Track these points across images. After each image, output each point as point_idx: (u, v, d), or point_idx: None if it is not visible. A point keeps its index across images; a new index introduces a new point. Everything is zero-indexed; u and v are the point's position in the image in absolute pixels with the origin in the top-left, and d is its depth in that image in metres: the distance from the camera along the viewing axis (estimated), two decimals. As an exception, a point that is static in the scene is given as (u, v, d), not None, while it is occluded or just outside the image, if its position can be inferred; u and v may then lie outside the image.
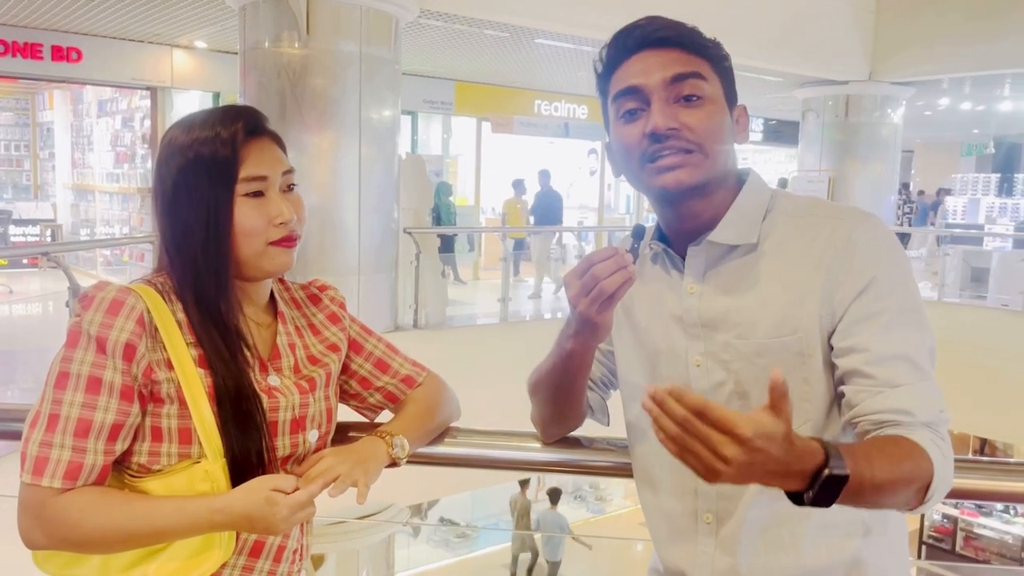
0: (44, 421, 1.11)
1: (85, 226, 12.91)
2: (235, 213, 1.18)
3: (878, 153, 11.46)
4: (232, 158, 1.17)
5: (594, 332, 1.17)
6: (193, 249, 1.18)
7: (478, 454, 1.43)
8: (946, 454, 1.04)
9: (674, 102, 1.14)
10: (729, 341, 1.16)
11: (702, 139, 1.14)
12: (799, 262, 1.14)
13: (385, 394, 1.40)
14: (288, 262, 1.23)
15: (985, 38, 9.49)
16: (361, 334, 1.41)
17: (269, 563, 1.24)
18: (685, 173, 1.14)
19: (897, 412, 1.05)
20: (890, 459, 1.00)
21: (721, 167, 1.17)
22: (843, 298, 1.10)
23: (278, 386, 1.23)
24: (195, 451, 1.16)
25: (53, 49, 9.34)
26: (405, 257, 7.34)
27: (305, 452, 1.26)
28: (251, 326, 1.25)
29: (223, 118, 1.20)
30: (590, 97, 14.15)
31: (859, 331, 1.09)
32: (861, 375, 1.08)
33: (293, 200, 1.23)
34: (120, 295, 1.14)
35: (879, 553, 1.18)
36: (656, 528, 1.29)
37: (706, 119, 1.14)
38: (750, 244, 1.18)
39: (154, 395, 1.15)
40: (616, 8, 7.61)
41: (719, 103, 1.17)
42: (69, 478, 1.10)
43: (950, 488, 1.05)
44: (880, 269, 1.11)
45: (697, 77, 1.15)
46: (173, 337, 1.16)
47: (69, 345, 1.13)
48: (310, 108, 6.39)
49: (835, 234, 1.13)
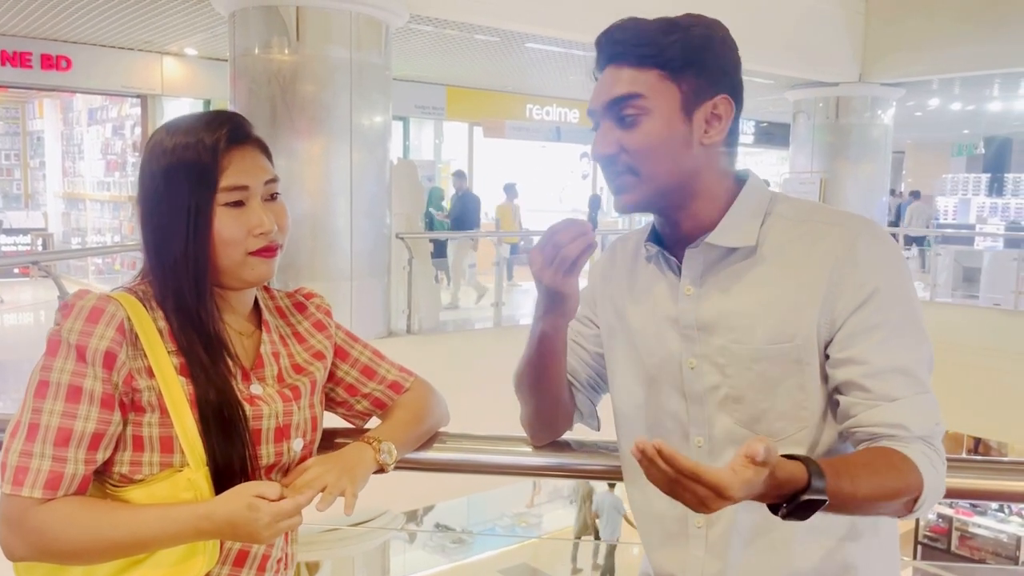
0: (24, 430, 1.09)
1: (76, 235, 12.88)
2: (214, 222, 1.16)
3: (869, 154, 11.49)
4: (212, 166, 1.16)
5: (562, 307, 1.17)
6: (172, 256, 1.17)
7: (467, 459, 1.41)
8: (937, 466, 1.06)
9: (617, 124, 1.15)
10: (725, 345, 1.15)
11: (636, 161, 1.14)
12: (799, 268, 1.13)
13: (372, 400, 1.39)
14: (267, 273, 1.22)
15: (974, 39, 9.54)
16: (347, 341, 1.39)
17: (253, 572, 1.22)
18: (627, 196, 1.17)
19: (892, 427, 1.06)
20: (877, 475, 1.01)
21: (672, 180, 1.15)
22: (843, 309, 1.10)
23: (261, 395, 1.21)
24: (177, 460, 1.14)
25: (43, 58, 9.32)
26: (398, 263, 7.34)
27: (290, 461, 1.24)
28: (233, 335, 1.24)
29: (207, 124, 1.18)
30: (581, 101, 14.17)
31: (857, 343, 1.09)
32: (858, 387, 1.08)
33: (275, 209, 1.22)
34: (100, 303, 1.13)
35: (870, 556, 1.18)
36: (647, 531, 1.29)
37: (641, 140, 1.13)
38: (749, 247, 1.16)
39: (135, 403, 1.13)
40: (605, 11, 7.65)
41: (665, 116, 1.13)
42: (50, 488, 1.08)
43: (941, 496, 1.07)
44: (882, 281, 1.10)
45: (634, 97, 1.13)
46: (154, 345, 1.15)
47: (49, 354, 1.12)
48: (301, 114, 6.38)
49: (838, 243, 1.12)
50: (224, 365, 1.19)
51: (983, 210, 14.37)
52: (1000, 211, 14.29)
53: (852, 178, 11.35)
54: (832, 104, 11.26)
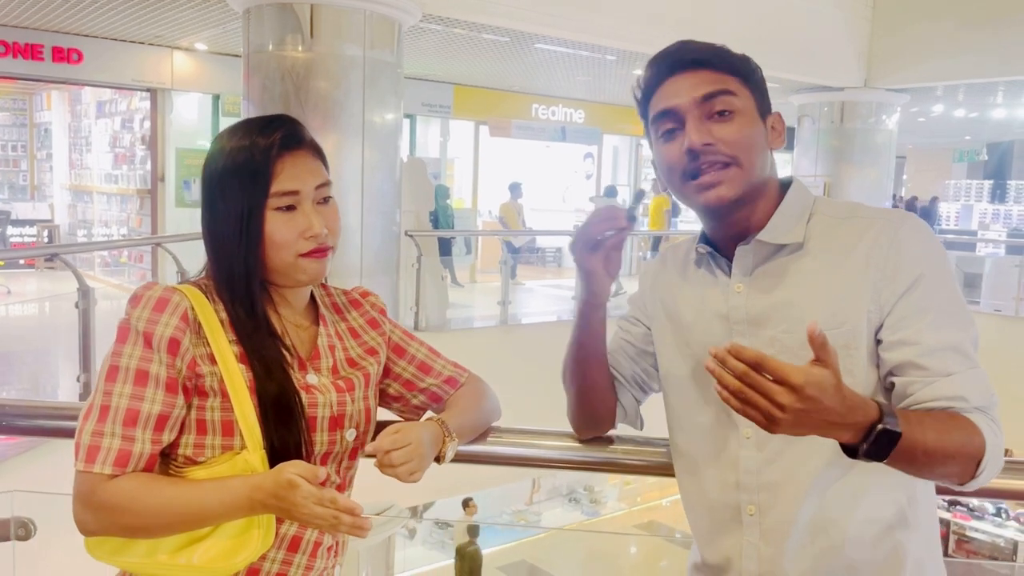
0: (96, 412, 1.16)
1: (83, 227, 12.88)
2: (266, 224, 1.21)
3: (872, 159, 11.52)
4: (265, 170, 1.21)
5: (591, 284, 1.27)
6: (228, 255, 1.23)
7: (518, 452, 1.47)
8: (997, 434, 1.10)
9: (707, 119, 1.21)
10: (776, 336, 1.21)
11: (736, 151, 1.20)
12: (846, 259, 1.19)
13: (429, 395, 1.44)
14: (319, 272, 1.27)
15: (979, 46, 9.57)
16: (404, 339, 1.44)
17: (306, 558, 1.28)
18: (725, 188, 1.21)
19: (952, 399, 1.10)
20: (943, 429, 1.06)
21: (759, 175, 1.23)
22: (891, 294, 1.16)
23: (316, 384, 1.26)
24: (237, 443, 1.20)
25: (54, 50, 9.31)
26: (406, 260, 7.38)
27: (343, 450, 1.30)
28: (290, 327, 1.29)
29: (262, 128, 1.23)
30: (587, 101, 14.18)
31: (909, 325, 1.14)
32: (914, 366, 1.13)
33: (327, 213, 1.26)
34: (166, 294, 1.19)
35: (917, 546, 1.23)
36: (699, 522, 1.33)
37: (738, 131, 1.20)
38: (797, 243, 1.23)
39: (198, 388, 1.20)
40: (616, 13, 7.65)
41: (751, 115, 1.22)
42: (119, 465, 1.14)
43: (1000, 468, 1.10)
44: (927, 267, 1.16)
45: (726, 93, 1.21)
46: (216, 334, 1.21)
47: (119, 341, 1.18)
48: (314, 111, 6.40)
49: (882, 233, 1.18)
50: (280, 355, 1.24)
51: (985, 216, 14.41)
52: (1002, 217, 14.32)
53: (856, 182, 11.37)
54: (837, 109, 11.29)
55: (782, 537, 1.23)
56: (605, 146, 15.58)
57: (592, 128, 14.63)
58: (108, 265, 11.73)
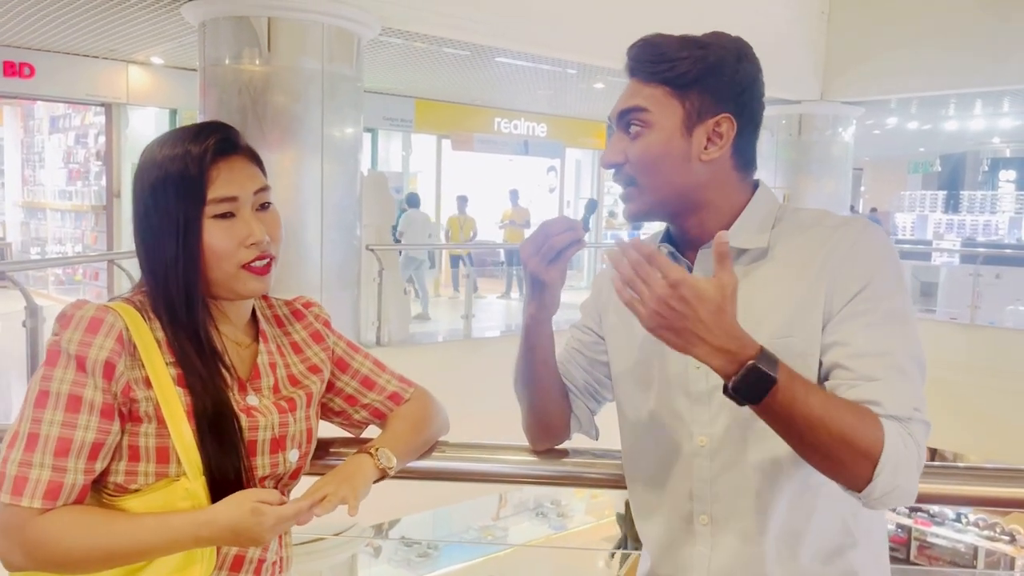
0: (22, 440, 1.09)
1: (36, 244, 12.61)
2: (204, 234, 1.17)
3: (830, 170, 11.70)
4: (200, 178, 1.16)
5: (543, 296, 1.25)
6: (164, 268, 1.18)
7: (468, 467, 1.43)
8: (908, 446, 1.03)
9: (625, 135, 1.22)
10: None
11: (636, 172, 1.21)
12: (805, 267, 1.18)
13: (371, 411, 1.40)
14: (261, 287, 1.23)
15: (931, 60, 9.80)
16: (348, 352, 1.40)
17: None
18: (632, 205, 1.24)
19: (867, 402, 1.06)
20: (834, 406, 1.03)
21: (673, 192, 1.21)
22: (840, 301, 1.14)
23: (257, 406, 1.22)
24: (172, 470, 1.15)
25: (5, 64, 9.11)
26: (367, 274, 7.31)
27: (285, 472, 1.25)
28: (230, 345, 1.25)
29: (195, 136, 1.19)
30: (550, 115, 14.23)
31: (845, 327, 1.12)
32: (841, 368, 1.11)
33: (267, 219, 1.23)
34: (99, 313, 1.13)
35: (867, 563, 1.22)
36: (651, 532, 1.31)
37: (643, 151, 1.20)
38: (760, 249, 1.22)
39: (132, 413, 1.14)
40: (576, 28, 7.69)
41: (666, 131, 1.19)
42: (49, 498, 1.08)
43: (909, 486, 1.04)
44: (876, 274, 1.14)
45: (637, 110, 1.20)
46: (152, 356, 1.15)
47: (48, 364, 1.12)
48: (272, 125, 6.34)
49: (840, 242, 1.17)
50: (220, 376, 1.19)
51: (940, 226, 14.72)
52: (956, 227, 14.64)
53: (814, 194, 11.54)
54: (795, 121, 11.46)
55: (733, 549, 1.21)
56: (568, 159, 15.65)
57: (555, 141, 14.69)
58: (63, 283, 11.49)
